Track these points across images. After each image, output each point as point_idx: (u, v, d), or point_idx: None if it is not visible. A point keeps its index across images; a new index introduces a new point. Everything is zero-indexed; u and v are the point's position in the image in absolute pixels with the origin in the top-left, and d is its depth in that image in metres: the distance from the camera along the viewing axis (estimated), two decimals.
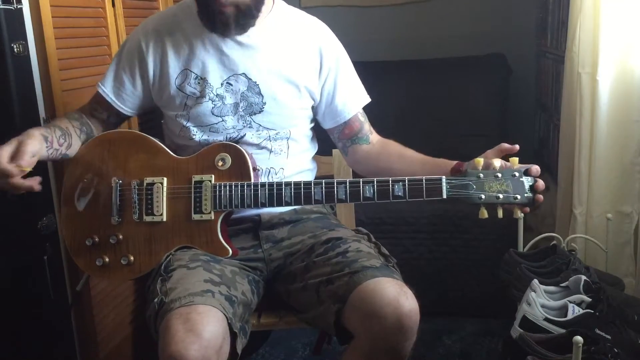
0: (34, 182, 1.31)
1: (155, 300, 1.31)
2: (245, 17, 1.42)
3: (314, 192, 1.39)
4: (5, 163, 1.26)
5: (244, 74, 1.49)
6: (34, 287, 1.61)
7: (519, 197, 1.30)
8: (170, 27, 1.51)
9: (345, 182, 1.38)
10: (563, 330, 1.39)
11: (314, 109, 1.59)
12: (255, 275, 1.51)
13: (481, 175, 1.31)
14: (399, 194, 1.35)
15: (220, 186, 1.42)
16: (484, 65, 2.90)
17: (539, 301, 1.48)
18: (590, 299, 1.47)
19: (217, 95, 1.49)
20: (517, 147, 1.34)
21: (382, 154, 1.57)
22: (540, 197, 1.31)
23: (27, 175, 1.31)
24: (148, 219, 1.44)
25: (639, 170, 1.96)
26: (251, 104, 1.50)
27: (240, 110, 1.50)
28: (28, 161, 1.28)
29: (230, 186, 1.42)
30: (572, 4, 2.00)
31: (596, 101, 1.94)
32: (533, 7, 3.01)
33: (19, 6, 1.51)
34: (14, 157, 1.28)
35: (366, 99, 1.61)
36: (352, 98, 1.58)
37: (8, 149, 1.28)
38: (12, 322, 1.58)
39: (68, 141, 1.45)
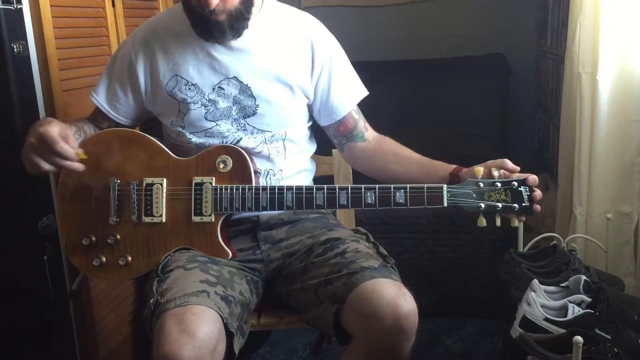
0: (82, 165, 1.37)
1: (151, 300, 1.31)
2: (239, 21, 1.42)
3: (315, 197, 1.39)
4: (70, 146, 1.32)
5: (235, 77, 1.48)
6: (34, 287, 1.61)
7: (517, 206, 1.33)
8: (159, 34, 1.51)
9: (347, 188, 1.38)
10: (563, 330, 1.39)
11: (310, 107, 1.58)
12: (254, 276, 1.51)
13: (481, 184, 1.34)
14: (401, 201, 1.36)
15: (221, 189, 1.42)
16: (484, 65, 2.90)
17: (539, 301, 1.48)
18: (590, 299, 1.47)
19: (210, 100, 1.48)
20: (518, 168, 1.36)
21: (378, 151, 1.56)
22: (538, 207, 1.33)
23: None
24: (147, 219, 1.44)
25: (639, 170, 1.96)
26: (244, 107, 1.49)
27: (234, 113, 1.49)
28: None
29: (232, 189, 1.42)
30: (572, 4, 2.00)
31: (596, 101, 1.94)
32: (533, 7, 3.01)
33: (19, 6, 1.51)
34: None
35: (362, 93, 1.59)
36: (346, 95, 1.56)
37: (56, 130, 1.31)
38: (12, 322, 1.58)
39: (82, 137, 1.47)
